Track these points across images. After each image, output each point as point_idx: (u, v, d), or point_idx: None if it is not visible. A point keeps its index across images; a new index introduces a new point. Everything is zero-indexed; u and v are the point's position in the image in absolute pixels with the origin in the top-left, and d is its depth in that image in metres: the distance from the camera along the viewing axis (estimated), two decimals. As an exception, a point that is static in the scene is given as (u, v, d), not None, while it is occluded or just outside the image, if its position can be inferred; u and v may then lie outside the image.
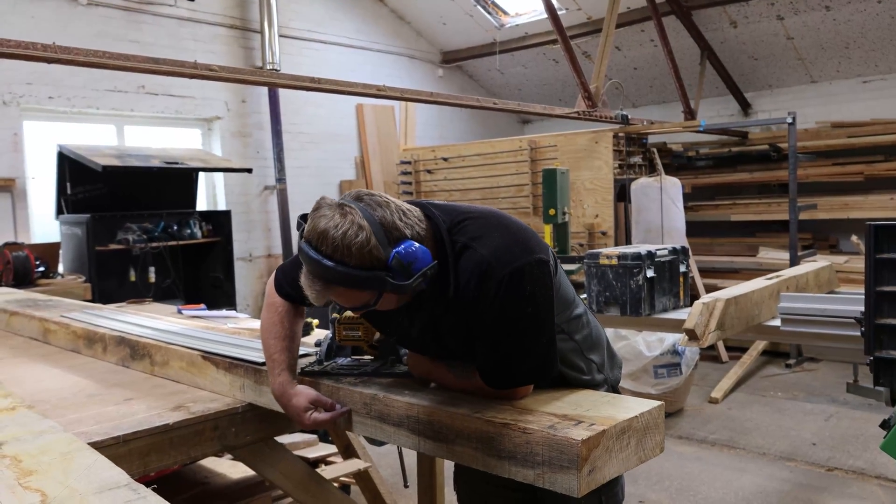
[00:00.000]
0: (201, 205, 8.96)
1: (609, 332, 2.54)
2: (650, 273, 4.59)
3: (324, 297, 1.89)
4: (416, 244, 1.86)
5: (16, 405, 2.21)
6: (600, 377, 2.31)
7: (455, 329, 2.04)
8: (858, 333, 3.65)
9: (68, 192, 7.37)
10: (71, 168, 7.28)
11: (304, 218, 1.93)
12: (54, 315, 3.86)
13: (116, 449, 2.20)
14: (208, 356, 2.72)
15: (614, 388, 2.38)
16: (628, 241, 8.46)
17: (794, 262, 7.44)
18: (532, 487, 2.28)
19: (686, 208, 8.59)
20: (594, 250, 4.81)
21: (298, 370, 2.40)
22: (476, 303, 1.94)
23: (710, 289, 8.33)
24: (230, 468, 3.65)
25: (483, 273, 1.92)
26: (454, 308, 1.99)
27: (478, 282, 1.93)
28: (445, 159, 10.06)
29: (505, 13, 10.95)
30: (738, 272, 9.07)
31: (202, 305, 5.44)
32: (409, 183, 10.37)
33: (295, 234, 9.55)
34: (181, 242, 7.80)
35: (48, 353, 3.56)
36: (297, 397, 2.22)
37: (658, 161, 8.66)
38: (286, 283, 2.32)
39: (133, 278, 7.47)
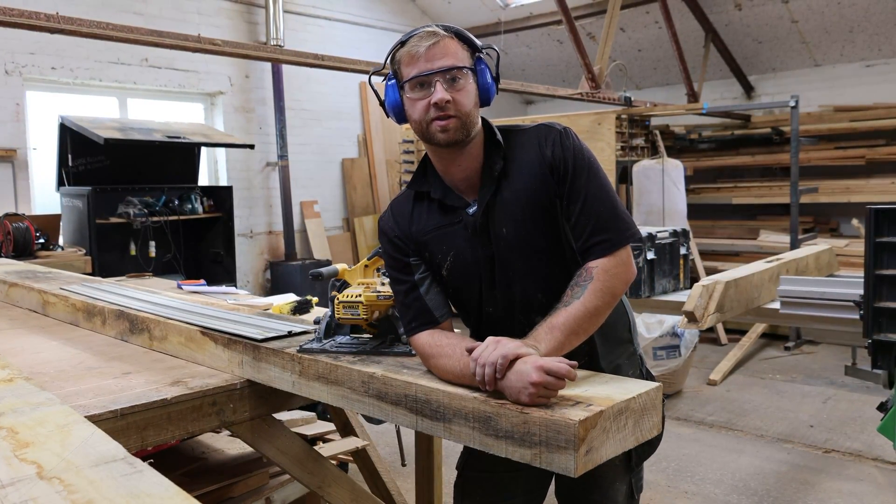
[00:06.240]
0: (203, 180, 8.93)
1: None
2: (650, 255, 4.59)
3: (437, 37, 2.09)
4: None
5: (13, 376, 2.20)
6: (635, 339, 2.39)
7: (513, 205, 2.10)
8: (857, 317, 3.67)
9: (70, 163, 7.34)
10: (73, 140, 7.25)
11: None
12: (54, 287, 3.85)
13: (114, 422, 2.19)
14: (207, 332, 2.71)
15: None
16: (629, 223, 8.43)
17: (794, 245, 7.43)
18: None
19: (688, 191, 8.58)
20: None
21: (297, 348, 2.38)
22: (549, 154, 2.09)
23: (710, 271, 8.34)
24: (228, 444, 3.66)
25: (540, 130, 2.15)
26: (512, 174, 2.11)
27: (537, 139, 2.13)
28: (448, 139, 9.96)
29: (510, -7, 10.88)
30: (738, 255, 9.08)
31: (202, 281, 5.43)
32: (412, 162, 10.30)
33: (297, 212, 9.58)
34: (182, 217, 7.79)
35: (47, 325, 3.56)
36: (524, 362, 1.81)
37: (660, 143, 8.64)
38: (415, 318, 2.16)
39: (133, 252, 7.47)
